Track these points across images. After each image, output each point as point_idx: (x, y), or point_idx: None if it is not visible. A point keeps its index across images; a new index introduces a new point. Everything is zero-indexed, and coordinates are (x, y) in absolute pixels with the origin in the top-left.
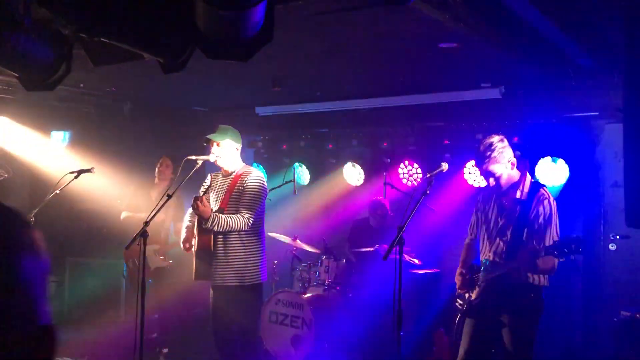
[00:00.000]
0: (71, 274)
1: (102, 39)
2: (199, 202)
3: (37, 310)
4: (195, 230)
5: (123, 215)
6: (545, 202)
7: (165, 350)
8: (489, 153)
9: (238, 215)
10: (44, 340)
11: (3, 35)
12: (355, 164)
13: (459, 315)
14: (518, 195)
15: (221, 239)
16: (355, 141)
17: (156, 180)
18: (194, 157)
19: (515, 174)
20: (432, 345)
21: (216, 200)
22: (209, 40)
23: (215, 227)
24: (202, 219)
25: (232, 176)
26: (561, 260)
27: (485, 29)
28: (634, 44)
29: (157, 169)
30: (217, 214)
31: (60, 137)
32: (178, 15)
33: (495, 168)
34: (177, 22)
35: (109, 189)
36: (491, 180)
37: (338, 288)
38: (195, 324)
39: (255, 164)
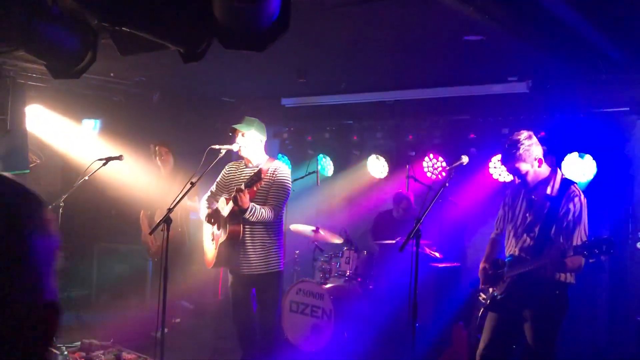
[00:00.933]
0: (99, 259)
1: (126, 29)
2: (242, 194)
3: (43, 286)
4: (224, 221)
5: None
6: (576, 199)
7: (178, 320)
8: (514, 151)
9: (267, 207)
10: (48, 313)
11: (32, 23)
12: (379, 156)
13: (482, 309)
14: (548, 191)
15: (249, 229)
16: (379, 133)
17: (162, 169)
18: (217, 147)
19: (544, 170)
20: (451, 339)
21: None
22: (226, 30)
23: (252, 218)
24: (240, 210)
25: (257, 168)
26: (591, 261)
27: (511, 22)
28: None
29: (158, 160)
30: (254, 204)
31: (91, 125)
32: (197, 6)
33: (521, 166)
34: (196, 12)
35: (137, 177)
36: (515, 177)
37: (359, 279)
38: (219, 311)
39: (280, 155)
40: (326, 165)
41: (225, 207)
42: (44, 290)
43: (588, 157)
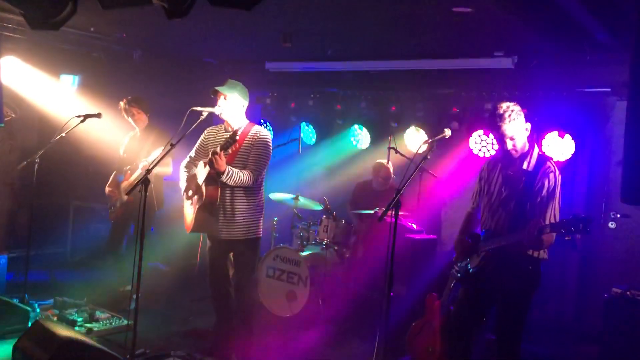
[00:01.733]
0: (75, 218)
1: None
2: (217, 157)
3: None
4: (202, 183)
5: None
6: (551, 175)
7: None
8: (509, 113)
9: (246, 171)
10: None
11: None
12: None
13: (454, 281)
14: (525, 166)
15: (228, 193)
16: (363, 103)
17: (137, 129)
18: (199, 108)
19: (527, 144)
20: (424, 308)
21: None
22: None
23: (230, 181)
24: (217, 173)
25: (238, 132)
26: (567, 238)
27: None
28: None
29: (131, 119)
30: (231, 167)
31: (69, 81)
32: None
33: (515, 128)
34: None
35: (116, 135)
36: (507, 142)
37: (336, 248)
38: (195, 274)
39: (262, 120)
40: (309, 133)
41: (202, 171)
42: None
43: (567, 136)
